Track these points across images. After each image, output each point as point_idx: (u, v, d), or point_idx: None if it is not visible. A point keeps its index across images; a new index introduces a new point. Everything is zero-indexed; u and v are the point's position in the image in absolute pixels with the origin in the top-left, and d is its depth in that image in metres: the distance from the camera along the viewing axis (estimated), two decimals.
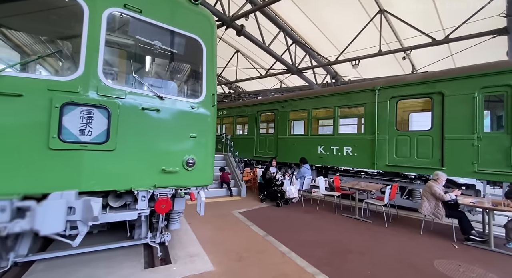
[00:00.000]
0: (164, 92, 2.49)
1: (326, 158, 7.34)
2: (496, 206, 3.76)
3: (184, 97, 2.63)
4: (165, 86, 3.08)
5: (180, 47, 2.81)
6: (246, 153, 9.65)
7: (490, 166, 4.91)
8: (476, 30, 6.89)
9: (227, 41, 11.57)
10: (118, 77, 2.82)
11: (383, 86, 6.39)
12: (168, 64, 3.14)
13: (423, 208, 4.32)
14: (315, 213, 5.46)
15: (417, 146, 5.83)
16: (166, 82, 3.17)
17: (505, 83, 4.82)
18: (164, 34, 2.58)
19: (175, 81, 3.25)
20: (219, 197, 6.45)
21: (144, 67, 2.99)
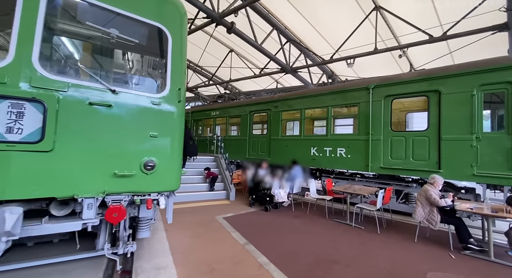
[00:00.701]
0: (121, 86, 2.22)
1: (319, 160, 7.04)
2: (496, 213, 3.45)
3: (144, 92, 2.35)
4: (122, 79, 2.79)
5: (142, 36, 2.54)
6: (239, 155, 9.37)
7: (490, 169, 4.60)
8: (475, 26, 6.61)
9: (220, 40, 11.33)
10: (60, 68, 2.52)
11: (377, 85, 6.11)
12: (127, 55, 2.86)
13: (416, 214, 4.02)
14: (304, 218, 5.17)
15: (413, 147, 5.52)
16: (124, 75, 2.88)
17: (505, 80, 4.53)
18: (123, 21, 2.32)
19: (135, 74, 2.96)
20: (205, 201, 6.16)
21: (95, 58, 2.69)
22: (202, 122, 11.48)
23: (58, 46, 2.52)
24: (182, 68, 2.60)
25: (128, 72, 2.93)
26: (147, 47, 2.72)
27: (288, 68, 9.97)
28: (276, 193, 5.36)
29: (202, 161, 7.75)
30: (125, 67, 2.90)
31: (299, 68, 10.04)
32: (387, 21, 8.09)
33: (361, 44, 8.52)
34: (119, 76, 2.80)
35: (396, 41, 8.46)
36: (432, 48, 8.32)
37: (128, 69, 2.92)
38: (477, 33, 6.65)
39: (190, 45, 11.59)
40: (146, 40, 2.60)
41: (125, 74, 2.89)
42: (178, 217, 4.69)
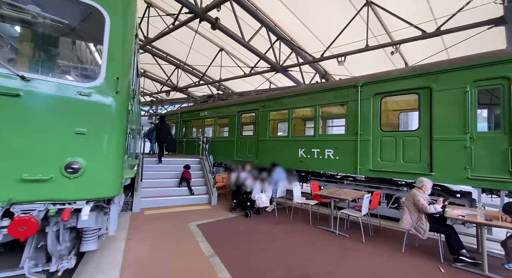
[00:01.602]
0: (41, 72, 1.88)
1: (307, 162, 6.69)
2: (490, 221, 3.08)
3: (69, 80, 2.01)
4: (43, 64, 2.42)
5: (71, 16, 2.21)
6: (227, 156, 9.03)
7: (485, 171, 4.23)
8: (470, 21, 6.27)
9: (210, 38, 11.04)
10: None
11: (366, 82, 5.77)
12: (52, 36, 2.49)
13: (403, 221, 3.65)
14: (287, 224, 4.81)
15: (403, 148, 5.17)
16: (47, 60, 2.49)
17: (501, 75, 4.17)
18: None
19: (60, 59, 2.58)
20: (184, 206, 5.81)
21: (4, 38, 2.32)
22: (191, 123, 11.16)
23: None
24: (124, 55, 2.27)
25: (53, 57, 2.55)
26: (78, 29, 2.37)
27: (278, 67, 9.66)
28: (257, 198, 5.01)
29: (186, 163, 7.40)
30: (50, 51, 2.53)
31: (290, 67, 9.72)
32: (379, 17, 7.77)
33: (353, 41, 8.21)
34: (39, 61, 2.42)
35: (389, 37, 8.12)
36: (427, 45, 7.98)
37: (52, 54, 2.54)
38: (472, 28, 6.31)
39: (178, 43, 11.35)
40: (78, 21, 2.27)
41: (49, 59, 2.50)
42: (147, 224, 4.35)
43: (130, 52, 2.39)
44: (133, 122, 4.30)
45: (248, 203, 5.15)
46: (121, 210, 5.03)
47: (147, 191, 5.84)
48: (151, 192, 5.90)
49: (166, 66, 13.25)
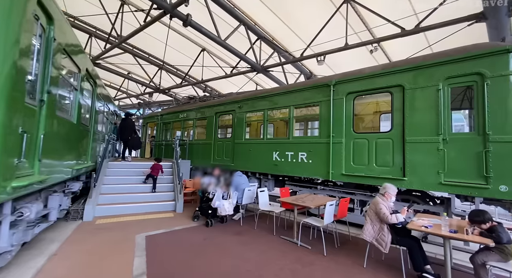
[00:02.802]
0: None
1: (281, 165, 6.32)
2: (455, 233, 2.72)
3: None
4: None
5: None
6: (204, 160, 8.66)
7: (458, 176, 3.88)
8: (454, 17, 5.98)
9: (192, 39, 10.75)
10: None
11: (339, 81, 5.44)
12: None
13: (365, 232, 3.28)
14: (248, 235, 4.42)
15: (376, 151, 4.81)
16: None
17: (474, 72, 3.84)
18: None
19: None
20: (146, 214, 5.41)
21: None
22: (171, 125, 10.80)
23: None
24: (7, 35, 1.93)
25: None
26: None
27: (259, 67, 9.35)
28: (218, 205, 4.62)
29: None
30: None
31: (271, 67, 9.41)
32: (359, 14, 7.49)
33: (335, 38, 7.89)
34: None
35: (370, 34, 7.82)
36: (410, 42, 7.69)
37: None
38: (452, 24, 6.02)
39: (160, 44, 11.06)
40: None
41: None
42: (91, 235, 3.96)
43: (16, 32, 2.03)
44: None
45: (209, 211, 4.77)
46: (70, 218, 4.65)
47: (106, 198, 5.45)
48: (111, 198, 5.51)
49: (150, 67, 12.98)
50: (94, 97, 5.40)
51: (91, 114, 5.25)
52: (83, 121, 4.58)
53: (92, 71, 5.09)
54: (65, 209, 4.29)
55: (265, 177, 6.94)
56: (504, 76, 3.59)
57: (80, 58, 4.16)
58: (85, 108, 4.73)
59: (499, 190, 3.51)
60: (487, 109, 3.68)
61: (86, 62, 4.53)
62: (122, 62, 12.96)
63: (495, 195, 3.54)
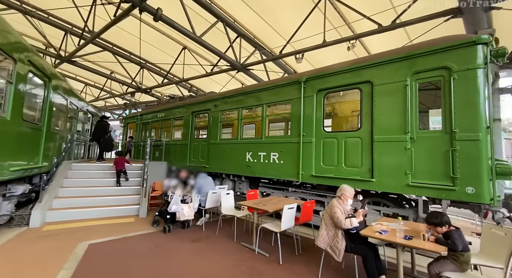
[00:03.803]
0: None
1: (254, 167, 6.04)
2: (409, 239, 2.45)
3: None
4: None
5: None
6: (181, 161, 8.33)
7: (426, 177, 3.63)
8: (431, 11, 5.78)
9: (172, 37, 10.45)
10: None
11: (310, 77, 5.19)
12: None
13: (319, 238, 3.00)
14: (208, 241, 4.11)
15: (345, 151, 4.56)
16: None
17: (441, 66, 3.61)
18: None
19: None
20: (106, 218, 5.07)
21: None
22: (150, 126, 10.46)
23: None
24: None
25: None
26: None
27: (238, 65, 9.08)
28: (174, 210, 4.30)
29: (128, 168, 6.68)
30: None
31: (251, 65, 9.15)
32: (338, 10, 7.28)
33: (315, 34, 7.66)
34: None
35: (349, 28, 7.60)
36: (391, 37, 7.49)
37: None
38: (428, 19, 5.83)
39: (142, 43, 10.76)
40: None
41: None
42: (30, 244, 3.62)
43: None
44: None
45: (167, 216, 4.45)
46: (14, 225, 4.29)
47: (62, 202, 5.10)
48: (69, 202, 5.16)
49: (133, 67, 12.64)
50: (48, 93, 5.05)
51: (44, 112, 4.90)
52: (27, 119, 4.23)
53: (41, 65, 4.70)
54: (5, 214, 3.94)
55: (239, 179, 6.64)
56: (471, 69, 3.37)
57: (15, 48, 3.80)
58: (30, 105, 4.38)
59: (466, 192, 3.26)
60: (453, 105, 3.45)
61: (28, 54, 4.18)
62: (102, 60, 12.60)
63: (462, 197, 3.29)
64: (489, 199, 3.13)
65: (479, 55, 3.33)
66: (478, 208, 3.43)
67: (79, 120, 8.13)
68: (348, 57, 8.96)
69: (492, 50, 3.36)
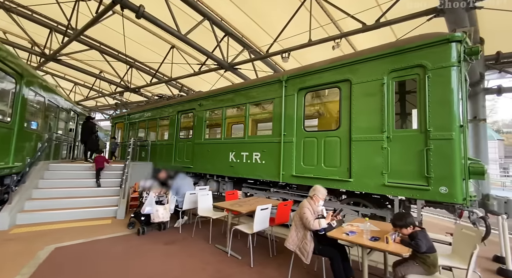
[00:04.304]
0: None
1: (237, 167, 5.94)
2: (375, 240, 2.38)
3: None
4: None
5: None
6: (166, 162, 8.19)
7: (401, 177, 3.57)
8: (416, 9, 5.75)
9: (160, 35, 10.32)
10: None
11: (291, 76, 5.12)
12: None
13: (288, 239, 2.91)
14: (181, 244, 3.99)
15: (325, 151, 4.49)
16: None
17: (416, 64, 3.57)
18: None
19: None
20: (82, 220, 4.93)
21: None
22: (137, 126, 10.30)
23: None
24: None
25: None
26: None
27: (226, 64, 8.99)
28: (148, 211, 4.19)
29: (109, 169, 6.54)
30: None
31: (238, 64, 9.06)
32: (325, 9, 7.24)
33: (302, 32, 7.59)
34: None
35: (336, 27, 7.56)
36: (377, 36, 7.46)
37: None
38: (410, 19, 5.80)
39: (128, 40, 10.60)
40: None
41: None
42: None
43: None
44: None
45: (142, 218, 4.32)
46: None
47: (36, 203, 4.94)
48: (43, 204, 5.00)
49: (122, 66, 12.46)
50: (20, 90, 4.89)
51: (15, 110, 4.74)
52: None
53: (10, 61, 4.52)
54: None
55: (223, 179, 6.54)
56: (445, 68, 3.32)
57: None
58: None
59: (440, 192, 3.21)
60: (428, 104, 3.40)
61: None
62: (90, 59, 12.39)
63: (436, 197, 3.24)
64: (462, 199, 3.08)
65: (452, 53, 3.29)
66: (452, 208, 3.38)
67: (61, 119, 7.94)
68: (336, 55, 8.96)
69: (466, 48, 3.32)
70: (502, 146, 29.27)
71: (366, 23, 6.25)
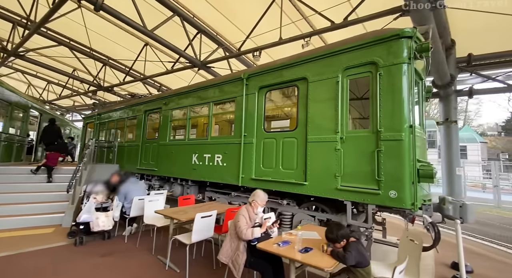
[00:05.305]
0: None
1: (199, 169, 5.62)
2: (306, 252, 2.12)
3: None
4: None
5: None
6: (132, 164, 7.77)
7: (354, 180, 3.36)
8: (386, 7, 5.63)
9: (134, 33, 9.88)
10: None
11: (252, 74, 4.87)
12: None
13: (221, 250, 2.63)
14: (120, 255, 3.63)
15: (283, 152, 4.25)
16: None
17: (369, 61, 3.38)
18: None
19: None
20: (20, 229, 4.47)
21: None
22: (106, 126, 9.80)
23: None
24: None
25: None
26: None
27: (198, 62, 8.66)
28: (85, 219, 3.80)
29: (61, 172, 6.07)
30: None
31: (211, 62, 8.75)
32: (295, 4, 7.05)
33: (274, 29, 7.36)
34: None
35: (307, 23, 7.40)
36: (351, 33, 7.32)
37: None
38: (378, 17, 5.67)
39: (101, 38, 10.14)
40: None
41: None
42: None
43: None
44: None
45: (81, 227, 3.93)
46: None
47: None
48: None
49: (95, 63, 11.91)
50: None
51: None
52: None
53: None
54: None
55: (187, 183, 6.19)
56: (396, 65, 3.14)
57: None
58: None
59: (389, 196, 3.01)
60: (379, 103, 3.21)
61: None
62: (60, 55, 11.78)
63: (386, 202, 3.04)
64: (410, 204, 2.89)
65: (403, 49, 3.12)
66: (403, 213, 3.19)
67: (14, 118, 7.38)
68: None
69: (417, 44, 3.16)
70: (485, 148, 30.06)
71: (336, 20, 6.10)
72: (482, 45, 7.56)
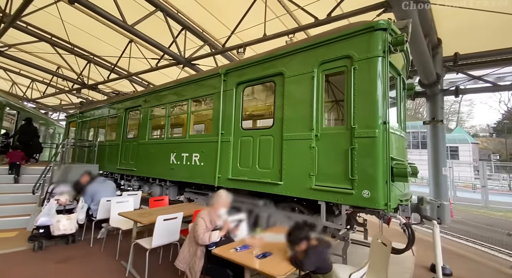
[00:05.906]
0: None
1: (177, 169, 5.39)
2: (264, 257, 1.94)
3: None
4: None
5: None
6: (112, 165, 7.48)
7: (328, 180, 3.20)
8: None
9: (118, 29, 9.58)
10: None
11: (229, 69, 4.68)
12: None
13: (179, 257, 2.42)
14: (77, 261, 3.38)
15: (259, 151, 4.06)
16: None
17: (344, 55, 3.23)
18: None
19: None
20: None
21: None
22: (88, 125, 9.48)
23: None
24: None
25: None
26: None
27: (182, 59, 8.43)
28: (42, 222, 3.55)
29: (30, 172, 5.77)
30: None
31: (196, 59, 8.53)
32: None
33: (258, 24, 7.18)
34: None
35: (292, 18, 7.25)
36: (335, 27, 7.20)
37: None
38: (361, 13, 5.55)
39: (86, 34, 9.82)
40: None
41: None
42: None
43: None
44: None
45: (40, 230, 3.66)
46: None
47: None
48: None
49: (79, 61, 11.55)
50: None
51: None
52: None
53: None
54: None
55: (165, 183, 5.95)
56: (370, 58, 3.00)
57: None
58: None
59: (363, 196, 2.85)
60: (353, 98, 3.06)
61: None
62: (42, 51, 11.38)
63: (359, 202, 2.88)
64: (383, 204, 2.73)
65: (377, 42, 2.97)
66: (378, 214, 3.04)
67: None
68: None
69: (392, 37, 3.01)
70: (477, 149, 30.40)
71: (320, 15, 5.96)
72: (469, 44, 7.52)
